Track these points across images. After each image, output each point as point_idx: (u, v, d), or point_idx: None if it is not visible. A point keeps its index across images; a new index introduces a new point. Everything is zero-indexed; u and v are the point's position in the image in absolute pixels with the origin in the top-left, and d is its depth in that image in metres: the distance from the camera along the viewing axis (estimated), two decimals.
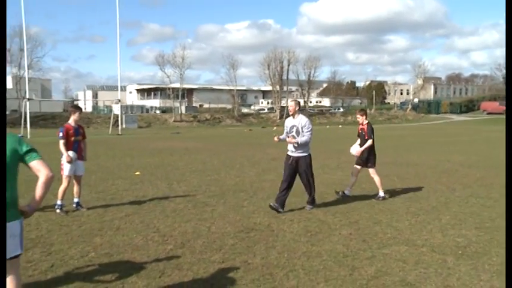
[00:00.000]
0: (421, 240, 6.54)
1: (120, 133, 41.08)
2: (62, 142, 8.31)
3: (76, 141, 8.44)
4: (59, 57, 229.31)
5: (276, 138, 8.68)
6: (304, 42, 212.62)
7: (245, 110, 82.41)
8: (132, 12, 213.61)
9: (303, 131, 8.28)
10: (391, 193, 10.26)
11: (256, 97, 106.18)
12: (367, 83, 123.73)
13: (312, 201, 8.67)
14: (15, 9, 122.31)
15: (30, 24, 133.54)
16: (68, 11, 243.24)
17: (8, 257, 3.50)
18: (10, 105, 64.13)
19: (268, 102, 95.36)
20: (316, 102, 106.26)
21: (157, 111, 76.37)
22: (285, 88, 78.29)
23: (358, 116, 10.10)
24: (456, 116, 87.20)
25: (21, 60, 57.90)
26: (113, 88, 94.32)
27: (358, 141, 10.09)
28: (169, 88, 71.00)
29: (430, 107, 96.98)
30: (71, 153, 8.28)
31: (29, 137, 33.85)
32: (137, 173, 13.68)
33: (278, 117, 74.30)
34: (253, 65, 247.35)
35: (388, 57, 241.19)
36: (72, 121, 8.48)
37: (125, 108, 65.92)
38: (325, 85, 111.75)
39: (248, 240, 6.52)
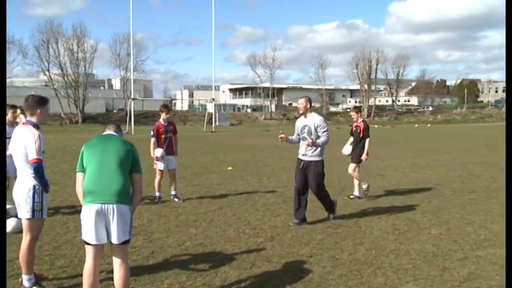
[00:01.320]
0: None
1: (213, 130, 42.53)
2: (152, 140, 9.01)
3: (167, 138, 9.00)
4: (159, 60, 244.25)
5: (280, 137, 7.38)
6: (392, 41, 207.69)
7: (333, 109, 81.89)
8: (226, 16, 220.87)
9: (317, 132, 7.22)
10: (485, 193, 9.78)
11: (344, 96, 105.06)
12: (459, 81, 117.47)
13: (331, 210, 7.66)
14: (124, 19, 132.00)
15: (136, 31, 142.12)
16: (168, 17, 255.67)
17: (118, 241, 3.93)
18: (118, 104, 68.79)
19: (356, 101, 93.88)
20: (405, 101, 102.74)
21: (249, 110, 77.95)
22: (373, 87, 76.77)
23: (352, 113, 9.74)
24: None
25: (127, 63, 62.00)
26: (207, 88, 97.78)
27: (350, 140, 9.74)
28: (260, 87, 72.37)
29: None
30: (157, 151, 8.82)
31: (133, 133, 36.07)
32: (229, 168, 14.18)
33: (366, 115, 73.05)
34: (341, 65, 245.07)
35: (481, 54, 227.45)
36: (161, 119, 9.07)
37: (218, 107, 68.05)
38: (413, 84, 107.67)
39: (336, 236, 6.60)
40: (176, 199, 9.04)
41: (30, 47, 78.92)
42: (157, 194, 8.99)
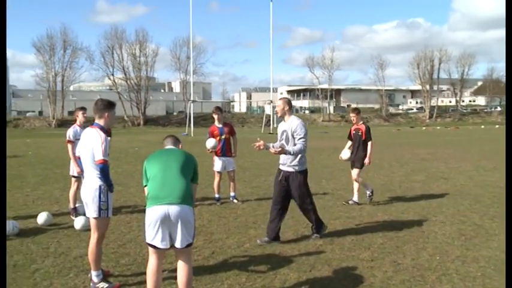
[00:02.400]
0: None
1: (271, 132, 42.64)
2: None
3: (222, 140, 9.02)
4: (218, 63, 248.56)
5: (257, 145, 6.21)
6: (456, 39, 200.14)
7: (393, 110, 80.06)
8: (283, 17, 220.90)
9: (294, 138, 6.29)
10: None
11: (404, 97, 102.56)
12: None
13: (317, 228, 6.64)
14: (184, 23, 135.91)
15: (195, 34, 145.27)
16: (226, 20, 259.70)
17: (181, 246, 4.03)
18: (177, 107, 70.57)
19: (417, 102, 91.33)
20: (470, 101, 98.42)
21: (306, 111, 77.64)
22: (435, 87, 74.34)
23: (352, 115, 9.13)
24: None
25: (187, 66, 63.54)
26: (265, 90, 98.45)
27: (349, 144, 9.20)
28: (318, 89, 71.92)
29: None
30: (209, 142, 8.81)
31: (192, 135, 36.77)
32: None
33: (427, 117, 70.93)
34: (401, 65, 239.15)
35: None
36: (216, 122, 9.12)
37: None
38: (480, 83, 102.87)
39: (397, 240, 6.42)
40: (235, 200, 9.12)
41: (96, 53, 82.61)
42: (216, 195, 9.09)
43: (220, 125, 9.10)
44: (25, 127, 53.10)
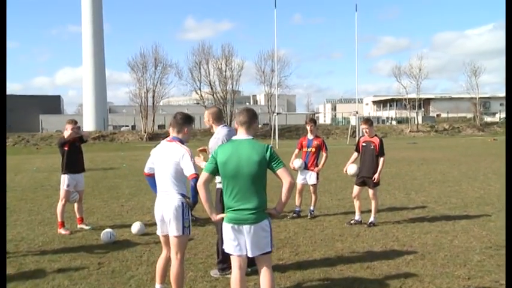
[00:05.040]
0: None
1: None
2: (295, 152, 9.03)
3: (307, 152, 8.91)
4: (302, 75, 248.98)
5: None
6: None
7: (488, 119, 75.39)
8: (368, 27, 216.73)
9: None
10: None
11: (501, 104, 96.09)
12: None
13: (221, 266, 5.59)
14: (269, 37, 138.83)
15: (280, 47, 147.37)
16: (310, 32, 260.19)
17: (260, 252, 4.04)
18: (262, 119, 71.65)
19: None
20: None
21: (393, 122, 75.42)
22: None
23: (365, 126, 8.22)
24: None
25: (272, 79, 64.32)
26: (349, 101, 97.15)
27: (354, 156, 8.37)
28: (405, 99, 69.62)
29: None
30: (296, 162, 8.77)
31: (277, 147, 37.00)
32: None
33: None
34: (497, 70, 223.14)
35: None
36: (309, 133, 9.02)
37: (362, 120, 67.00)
38: None
39: (498, 258, 5.99)
40: (309, 215, 8.83)
41: (185, 68, 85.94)
42: (296, 209, 8.96)
43: (311, 137, 8.98)
44: (120, 141, 56.18)
